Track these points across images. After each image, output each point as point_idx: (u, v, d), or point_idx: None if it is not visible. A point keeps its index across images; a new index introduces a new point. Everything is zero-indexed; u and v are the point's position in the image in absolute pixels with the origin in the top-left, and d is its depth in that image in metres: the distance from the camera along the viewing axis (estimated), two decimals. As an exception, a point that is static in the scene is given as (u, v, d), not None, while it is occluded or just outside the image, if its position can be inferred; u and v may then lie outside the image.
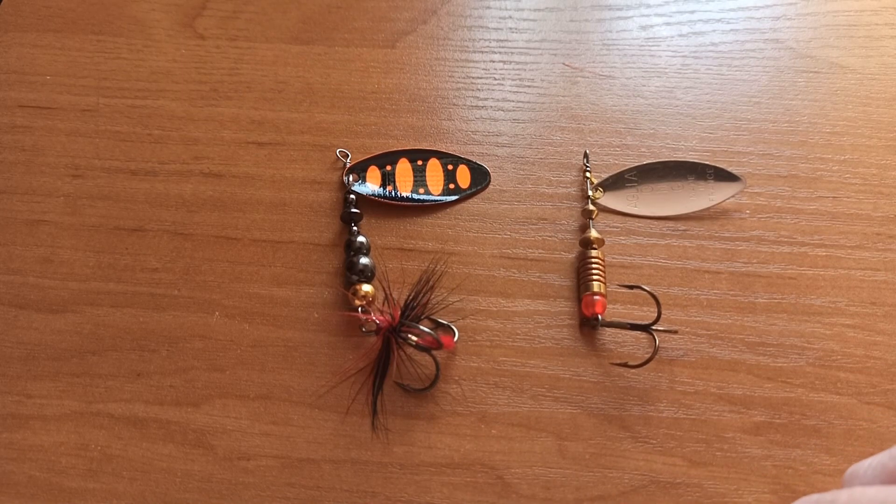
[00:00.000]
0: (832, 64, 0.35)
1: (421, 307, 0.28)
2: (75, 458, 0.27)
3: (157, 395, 0.28)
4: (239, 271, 0.30)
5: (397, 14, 0.37)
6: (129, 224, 0.32)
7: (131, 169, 0.33)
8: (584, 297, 0.29)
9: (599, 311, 0.28)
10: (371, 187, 0.32)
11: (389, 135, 0.34)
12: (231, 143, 0.33)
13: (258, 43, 0.36)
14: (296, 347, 0.29)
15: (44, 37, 0.36)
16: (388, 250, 0.31)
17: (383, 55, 0.36)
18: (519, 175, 0.32)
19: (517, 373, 0.28)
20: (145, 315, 0.30)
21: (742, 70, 0.35)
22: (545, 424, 0.27)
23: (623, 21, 0.37)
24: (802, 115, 0.34)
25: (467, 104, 0.34)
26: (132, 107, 0.34)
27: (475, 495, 0.26)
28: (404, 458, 0.27)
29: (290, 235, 0.31)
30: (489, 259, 0.31)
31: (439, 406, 0.28)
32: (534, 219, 0.31)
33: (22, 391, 0.28)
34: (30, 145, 0.33)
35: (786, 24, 0.36)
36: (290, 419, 0.28)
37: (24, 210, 0.32)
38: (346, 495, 0.26)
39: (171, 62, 0.36)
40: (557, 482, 0.26)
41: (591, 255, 0.29)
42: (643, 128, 0.33)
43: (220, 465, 0.27)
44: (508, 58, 0.36)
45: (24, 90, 0.35)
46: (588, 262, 0.29)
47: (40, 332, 0.29)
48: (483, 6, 0.37)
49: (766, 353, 0.28)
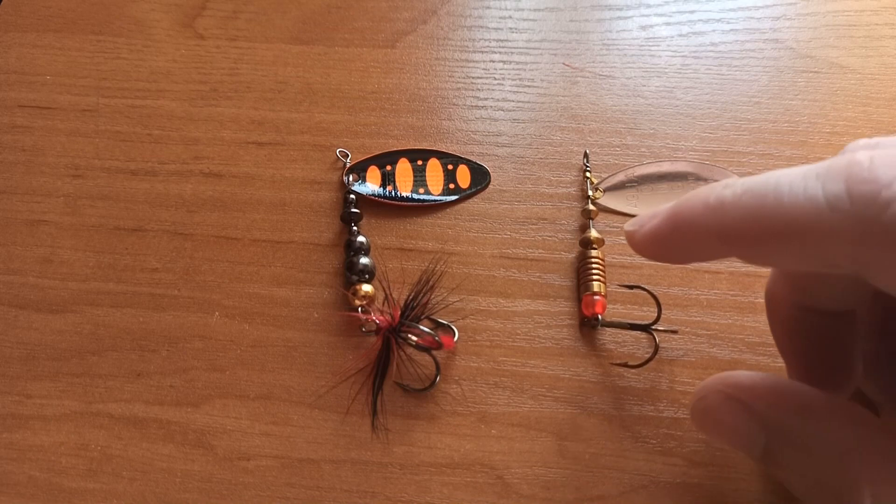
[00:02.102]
0: (832, 64, 0.35)
1: (421, 307, 0.28)
2: (75, 458, 0.27)
3: (157, 395, 0.28)
4: (239, 271, 0.30)
5: (397, 14, 0.37)
6: (129, 224, 0.32)
7: (131, 169, 0.33)
8: (584, 297, 0.29)
9: (599, 311, 0.28)
10: (371, 187, 0.32)
11: (389, 135, 0.34)
12: (231, 143, 0.33)
13: (258, 43, 0.36)
14: (296, 347, 0.29)
15: (44, 37, 0.36)
16: (388, 250, 0.31)
17: (383, 55, 0.36)
18: (519, 175, 0.32)
19: (517, 373, 0.28)
20: (145, 315, 0.30)
21: (742, 70, 0.35)
22: (545, 424, 0.27)
23: (623, 21, 0.37)
24: (802, 115, 0.34)
25: (467, 104, 0.34)
26: (132, 107, 0.34)
27: (475, 495, 0.26)
28: (404, 458, 0.27)
29: (290, 235, 0.31)
30: (489, 259, 0.31)
31: (439, 406, 0.28)
32: (534, 219, 0.31)
33: (22, 391, 0.28)
34: (30, 145, 0.33)
35: (786, 24, 0.36)
36: (290, 419, 0.28)
37: (24, 210, 0.32)
38: (346, 495, 0.26)
39: (171, 62, 0.36)
40: (557, 482, 0.26)
41: (591, 255, 0.29)
42: (643, 128, 0.33)
43: (220, 465, 0.27)
44: (508, 58, 0.36)
45: (24, 90, 0.35)
46: (588, 262, 0.29)
47: (40, 332, 0.29)
48: (483, 6, 0.37)
49: (766, 353, 0.28)
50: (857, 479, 0.19)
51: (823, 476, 0.20)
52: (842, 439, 0.19)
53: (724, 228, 0.19)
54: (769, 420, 0.21)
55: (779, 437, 0.20)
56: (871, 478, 0.19)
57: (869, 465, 0.19)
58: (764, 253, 0.19)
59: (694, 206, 0.20)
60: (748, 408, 0.21)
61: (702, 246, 0.20)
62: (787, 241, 0.18)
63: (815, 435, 0.20)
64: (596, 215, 0.31)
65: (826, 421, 0.20)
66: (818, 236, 0.17)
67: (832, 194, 0.17)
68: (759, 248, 0.18)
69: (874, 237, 0.16)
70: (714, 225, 0.19)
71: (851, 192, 0.16)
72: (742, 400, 0.21)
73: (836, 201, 0.16)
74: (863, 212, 0.16)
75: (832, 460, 0.19)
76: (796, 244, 0.17)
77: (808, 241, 0.17)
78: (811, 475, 0.20)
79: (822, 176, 0.17)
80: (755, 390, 0.21)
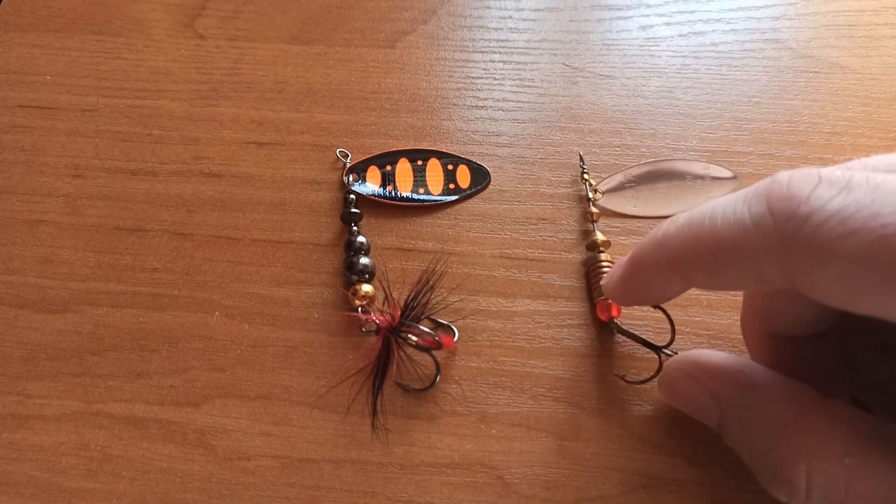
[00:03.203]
0: (832, 64, 0.35)
1: (421, 307, 0.28)
2: (75, 458, 0.27)
3: (157, 395, 0.28)
4: (239, 271, 0.30)
5: (397, 14, 0.37)
6: (129, 224, 0.32)
7: (131, 169, 0.33)
8: (599, 301, 0.29)
9: (615, 315, 0.28)
10: (371, 187, 0.32)
11: (389, 135, 0.34)
12: (231, 143, 0.33)
13: (258, 43, 0.36)
14: (296, 347, 0.29)
15: (44, 37, 0.36)
16: (388, 250, 0.31)
17: (383, 55, 0.36)
18: (519, 175, 0.32)
19: (517, 373, 0.28)
20: (145, 315, 0.30)
21: (742, 70, 0.35)
22: (545, 424, 0.27)
23: (623, 21, 0.37)
24: (802, 115, 0.34)
25: (467, 104, 0.34)
26: (132, 107, 0.34)
27: (475, 495, 0.26)
28: (404, 458, 0.27)
29: (290, 235, 0.31)
30: (489, 259, 0.31)
31: (439, 406, 0.28)
32: (534, 219, 0.31)
33: (22, 391, 0.28)
34: (30, 145, 0.33)
35: (786, 24, 0.36)
36: (290, 419, 0.28)
37: (24, 210, 0.32)
38: (346, 495, 0.26)
39: (171, 62, 0.36)
40: (557, 482, 0.26)
41: (599, 258, 0.29)
42: (643, 128, 0.33)
43: (220, 465, 0.27)
44: (508, 58, 0.36)
45: (24, 90, 0.35)
46: (598, 265, 0.29)
47: (40, 332, 0.29)
48: (483, 6, 0.37)
49: (766, 353, 0.28)
50: (793, 454, 0.20)
51: (764, 448, 0.21)
52: (781, 415, 0.21)
53: (670, 258, 0.21)
54: (720, 396, 0.23)
55: (728, 412, 0.23)
56: (806, 452, 0.20)
57: (805, 440, 0.20)
58: (709, 275, 0.20)
59: (645, 245, 0.22)
60: (702, 384, 0.23)
61: (660, 279, 0.22)
62: (723, 261, 0.19)
63: (757, 410, 0.22)
64: (598, 217, 0.31)
65: (768, 398, 0.22)
66: (749, 254, 0.18)
67: (756, 214, 0.18)
68: (703, 271, 0.20)
69: (797, 250, 0.17)
70: (663, 257, 0.21)
71: (773, 210, 0.18)
72: (697, 377, 0.24)
73: (760, 220, 0.18)
74: (783, 227, 0.17)
75: (771, 433, 0.21)
76: (731, 263, 0.19)
77: (740, 260, 0.19)
78: (754, 448, 0.22)
79: (749, 199, 0.19)
80: (711, 369, 0.23)
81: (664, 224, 0.22)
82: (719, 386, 0.23)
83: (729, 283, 0.20)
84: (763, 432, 0.21)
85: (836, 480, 0.19)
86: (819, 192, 0.17)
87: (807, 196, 0.17)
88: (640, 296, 0.24)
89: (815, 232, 0.17)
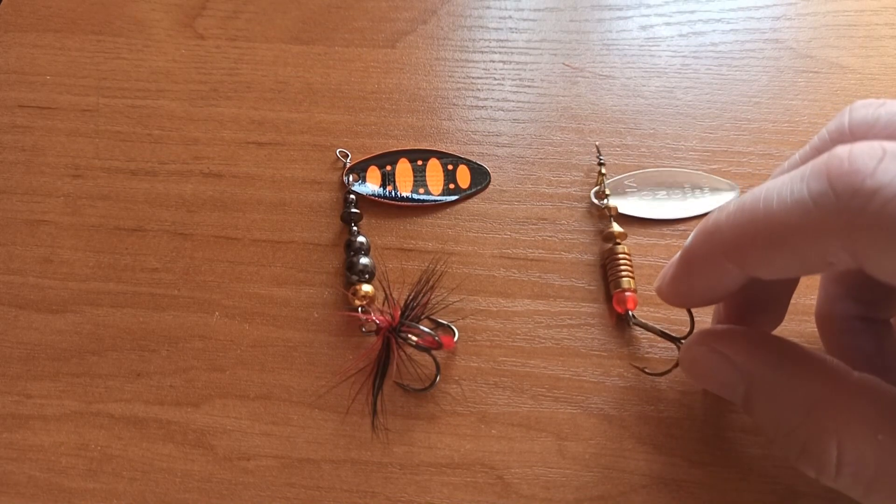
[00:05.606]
0: (832, 64, 0.35)
1: (421, 307, 0.28)
2: (75, 458, 0.27)
3: (157, 395, 0.28)
4: (239, 271, 0.30)
5: (397, 14, 0.37)
6: (129, 224, 0.32)
7: (131, 169, 0.33)
8: (615, 293, 0.29)
9: (631, 308, 0.28)
10: (371, 187, 0.32)
11: (389, 135, 0.34)
12: (231, 143, 0.33)
13: (258, 43, 0.36)
14: (296, 347, 0.29)
15: (44, 37, 0.36)
16: (388, 250, 0.31)
17: (383, 55, 0.36)
18: (519, 175, 0.32)
19: (517, 373, 0.28)
20: (145, 315, 0.30)
21: (742, 70, 0.35)
22: (545, 424, 0.27)
23: (623, 21, 0.37)
24: (802, 115, 0.34)
25: (467, 104, 0.34)
26: (132, 107, 0.34)
27: (475, 495, 0.26)
28: (404, 458, 0.27)
29: (290, 235, 0.31)
30: (489, 259, 0.31)
31: (439, 406, 0.28)
32: (534, 219, 0.31)
33: (22, 391, 0.28)
34: (30, 145, 0.33)
35: (786, 24, 0.36)
36: (290, 419, 0.28)
37: (24, 210, 0.32)
38: (346, 495, 0.26)
39: (171, 62, 0.36)
40: (557, 482, 0.26)
41: (616, 250, 0.29)
42: (643, 128, 0.33)
43: (220, 465, 0.27)
44: (508, 58, 0.36)
45: (24, 90, 0.35)
46: (615, 257, 0.29)
47: (40, 332, 0.29)
48: (483, 6, 0.37)
49: (766, 353, 0.28)
50: (824, 431, 0.20)
51: (792, 424, 0.21)
52: (812, 392, 0.20)
53: (725, 247, 0.20)
54: (747, 371, 0.22)
55: (755, 387, 0.22)
56: (837, 429, 0.19)
57: (836, 417, 0.20)
58: (768, 260, 0.19)
59: (695, 238, 0.21)
60: (728, 359, 0.22)
61: (715, 272, 0.21)
62: (783, 244, 0.18)
63: (787, 385, 0.21)
64: (615, 211, 0.31)
65: (798, 373, 0.21)
66: (810, 235, 0.17)
67: (816, 192, 0.17)
68: (762, 257, 0.19)
69: (864, 227, 0.16)
70: (717, 246, 0.20)
71: (835, 187, 0.17)
72: (723, 352, 0.22)
73: (821, 198, 0.17)
74: (848, 204, 0.16)
75: (801, 410, 0.20)
76: (792, 246, 0.18)
77: (802, 242, 0.18)
78: (783, 424, 0.21)
79: (806, 177, 0.18)
80: (736, 343, 0.22)
81: (712, 214, 0.21)
82: (747, 361, 0.22)
83: (790, 267, 0.19)
84: (792, 408, 0.21)
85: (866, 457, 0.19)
86: (886, 166, 0.16)
87: (872, 170, 0.16)
88: (695, 293, 0.23)
89: (886, 208, 0.16)
